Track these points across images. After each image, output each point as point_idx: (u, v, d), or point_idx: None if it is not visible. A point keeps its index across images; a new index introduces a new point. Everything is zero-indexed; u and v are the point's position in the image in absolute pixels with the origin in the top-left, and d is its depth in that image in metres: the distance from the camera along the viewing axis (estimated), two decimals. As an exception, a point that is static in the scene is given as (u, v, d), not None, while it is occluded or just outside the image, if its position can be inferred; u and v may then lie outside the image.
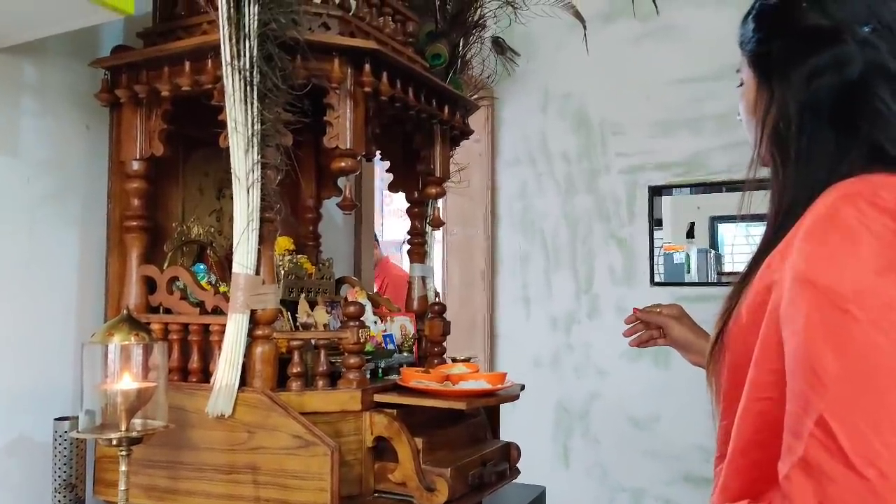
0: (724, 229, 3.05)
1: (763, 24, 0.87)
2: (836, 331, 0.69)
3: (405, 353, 1.56)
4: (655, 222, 3.01)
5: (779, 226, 0.82)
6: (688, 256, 3.01)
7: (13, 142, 1.33)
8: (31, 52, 1.34)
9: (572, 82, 3.11)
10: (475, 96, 1.81)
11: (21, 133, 1.34)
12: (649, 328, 1.34)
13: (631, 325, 1.36)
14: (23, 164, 1.34)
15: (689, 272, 2.99)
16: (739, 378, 0.81)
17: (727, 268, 3.05)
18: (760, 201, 0.89)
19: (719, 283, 2.95)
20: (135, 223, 1.36)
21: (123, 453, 1.07)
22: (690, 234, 3.03)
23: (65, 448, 1.28)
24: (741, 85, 0.93)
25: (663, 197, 3.02)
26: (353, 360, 1.26)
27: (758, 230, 0.88)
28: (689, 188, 2.99)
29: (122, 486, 1.08)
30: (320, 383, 1.25)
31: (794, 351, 0.72)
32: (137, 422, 1.10)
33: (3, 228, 1.31)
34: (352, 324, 1.26)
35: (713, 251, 3.03)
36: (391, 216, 5.09)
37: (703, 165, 2.90)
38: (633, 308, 1.36)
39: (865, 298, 0.68)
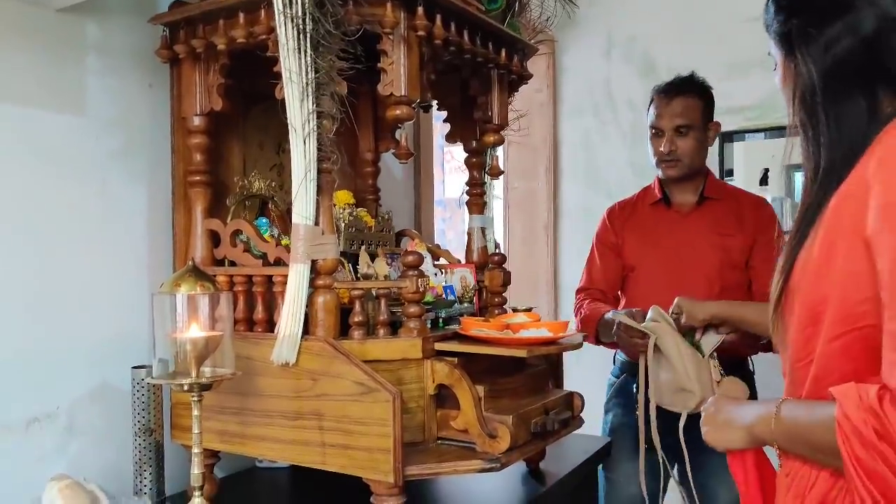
0: (801, 177, 2.89)
1: (781, 5, 0.93)
2: None
3: (466, 304, 1.55)
4: (726, 172, 2.88)
5: (820, 183, 0.88)
6: (761, 205, 2.87)
7: (80, 101, 1.37)
8: (93, 12, 1.37)
9: (637, 25, 2.97)
10: (534, 41, 1.75)
11: (87, 92, 1.38)
12: None
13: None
14: (90, 122, 1.39)
15: (762, 221, 2.86)
16: (815, 314, 0.85)
17: (805, 216, 2.90)
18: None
19: (796, 232, 2.81)
20: (198, 178, 1.39)
21: (195, 398, 1.11)
22: (764, 181, 2.89)
23: (143, 395, 1.34)
24: (776, 67, 0.98)
25: (734, 143, 2.87)
26: (412, 309, 1.26)
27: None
28: (762, 133, 2.84)
29: (195, 430, 1.12)
30: (381, 332, 1.26)
31: (890, 272, 0.76)
32: (207, 369, 1.14)
33: (76, 186, 1.36)
34: (411, 273, 1.25)
35: (789, 199, 2.88)
36: (452, 173, 5.05)
37: (779, 107, 2.73)
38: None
39: None
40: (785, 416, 0.88)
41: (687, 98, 1.82)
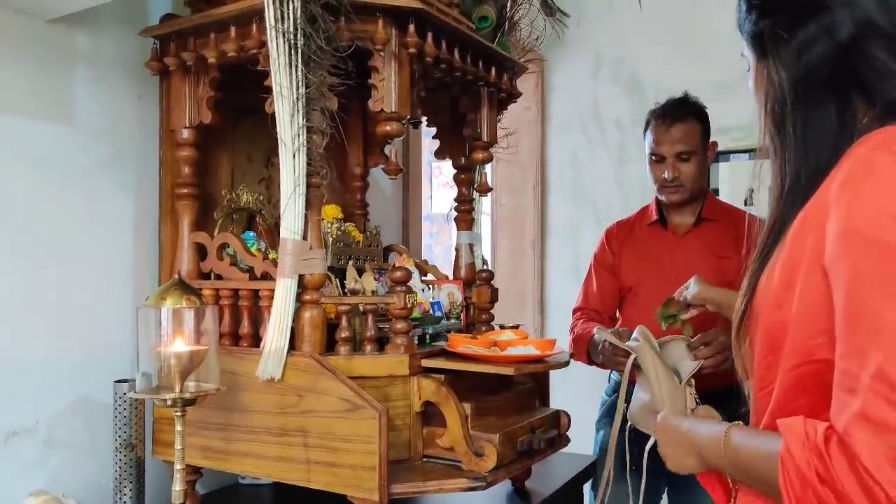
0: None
1: (752, 4, 0.87)
2: (890, 279, 0.67)
3: (453, 320, 1.55)
4: (712, 191, 2.91)
5: (785, 198, 0.82)
6: (747, 225, 2.90)
7: (69, 111, 1.36)
8: (84, 23, 1.36)
9: (625, 45, 3.01)
10: (523, 60, 1.76)
11: (76, 102, 1.37)
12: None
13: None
14: (78, 132, 1.38)
15: (747, 241, 2.89)
16: (775, 341, 0.80)
17: (789, 236, 2.92)
18: None
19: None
20: (185, 190, 1.38)
21: (178, 414, 1.09)
22: (749, 201, 2.92)
23: (124, 409, 1.32)
24: (749, 70, 0.92)
25: (720, 164, 2.90)
26: (400, 325, 1.25)
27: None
28: (747, 153, 2.87)
29: (178, 446, 1.10)
30: (368, 348, 1.25)
31: (844, 305, 0.70)
32: (191, 384, 1.13)
33: (62, 196, 1.35)
34: (398, 289, 1.25)
35: (772, 219, 2.91)
36: (440, 189, 5.06)
37: (764, 129, 2.77)
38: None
39: None
40: (734, 443, 0.82)
41: (686, 124, 1.80)
